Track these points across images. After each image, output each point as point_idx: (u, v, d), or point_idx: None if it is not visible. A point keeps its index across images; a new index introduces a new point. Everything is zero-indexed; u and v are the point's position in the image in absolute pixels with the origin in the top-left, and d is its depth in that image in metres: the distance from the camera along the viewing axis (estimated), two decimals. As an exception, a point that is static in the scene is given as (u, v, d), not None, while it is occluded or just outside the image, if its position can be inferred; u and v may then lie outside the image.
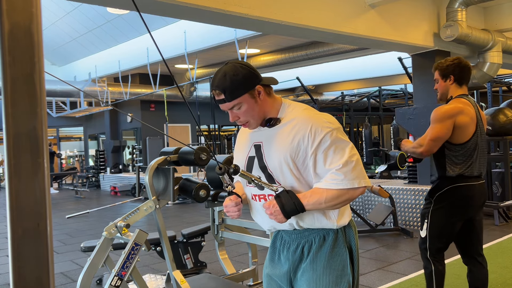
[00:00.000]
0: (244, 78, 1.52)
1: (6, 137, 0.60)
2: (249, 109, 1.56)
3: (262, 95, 1.58)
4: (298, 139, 1.53)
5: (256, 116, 1.59)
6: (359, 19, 5.09)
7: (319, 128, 1.51)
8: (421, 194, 6.06)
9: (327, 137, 1.50)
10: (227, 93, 1.52)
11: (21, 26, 0.60)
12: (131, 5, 4.13)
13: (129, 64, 11.01)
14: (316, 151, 1.51)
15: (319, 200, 1.51)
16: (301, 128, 1.54)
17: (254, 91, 1.55)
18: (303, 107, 1.63)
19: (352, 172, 1.50)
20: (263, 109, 1.59)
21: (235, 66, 1.53)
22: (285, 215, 1.52)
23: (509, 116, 7.13)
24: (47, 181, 0.62)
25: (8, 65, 0.60)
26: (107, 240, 2.69)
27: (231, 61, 1.57)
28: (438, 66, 2.72)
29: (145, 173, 2.81)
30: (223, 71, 1.53)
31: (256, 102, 1.56)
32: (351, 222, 1.69)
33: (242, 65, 1.54)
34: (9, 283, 0.96)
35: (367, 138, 13.44)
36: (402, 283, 3.90)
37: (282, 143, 1.56)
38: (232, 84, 1.51)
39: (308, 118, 1.55)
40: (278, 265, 1.72)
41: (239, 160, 1.74)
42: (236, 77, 1.51)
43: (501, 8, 6.77)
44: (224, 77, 1.51)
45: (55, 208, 9.99)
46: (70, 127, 18.42)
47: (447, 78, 2.68)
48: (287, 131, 1.56)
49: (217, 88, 1.53)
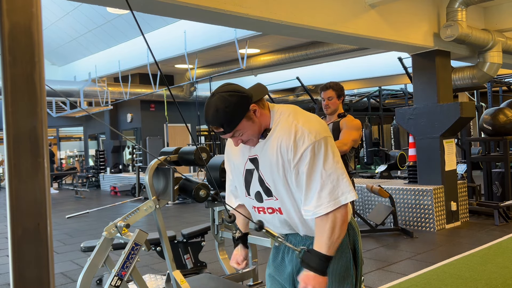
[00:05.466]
0: (236, 106, 1.49)
1: (6, 137, 0.60)
2: (249, 130, 1.55)
3: (258, 112, 1.56)
4: (282, 151, 1.52)
5: (257, 133, 1.58)
6: (359, 19, 5.09)
7: (301, 140, 1.49)
8: (421, 194, 6.07)
9: (308, 151, 1.48)
10: (224, 126, 1.51)
11: (21, 26, 0.60)
12: (131, 5, 4.12)
13: (129, 64, 11.01)
14: (297, 165, 1.50)
15: (326, 237, 1.49)
16: (285, 140, 1.52)
17: (250, 112, 1.53)
18: (288, 112, 1.59)
19: (335, 190, 1.48)
20: (261, 124, 1.58)
21: (223, 98, 1.49)
22: (321, 274, 1.49)
23: (509, 116, 7.13)
24: (47, 181, 0.62)
25: (8, 65, 0.60)
26: (107, 240, 2.68)
27: (217, 91, 1.53)
28: (334, 86, 3.30)
29: (145, 173, 2.81)
30: (214, 107, 1.49)
31: (253, 122, 1.55)
32: (354, 224, 1.69)
33: (230, 92, 1.50)
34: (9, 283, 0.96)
35: (367, 138, 13.44)
36: (402, 283, 3.90)
37: (271, 156, 1.55)
38: (226, 116, 1.49)
39: (291, 128, 1.52)
40: (281, 266, 1.72)
41: (235, 172, 1.73)
42: (228, 109, 1.48)
43: (501, 8, 6.77)
44: (216, 112, 1.49)
45: (55, 208, 9.99)
46: (70, 127, 18.41)
47: (340, 98, 3.33)
48: (275, 142, 1.55)
49: (213, 124, 1.52)
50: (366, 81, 14.00)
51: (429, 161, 6.25)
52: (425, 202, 6.02)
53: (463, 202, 6.48)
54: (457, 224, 6.29)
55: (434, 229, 5.96)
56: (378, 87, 14.27)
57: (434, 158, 6.19)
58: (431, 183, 6.18)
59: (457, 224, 6.29)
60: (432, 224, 5.98)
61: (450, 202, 6.19)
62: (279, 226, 1.66)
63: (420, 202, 6.08)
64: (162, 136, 13.46)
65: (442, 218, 6.08)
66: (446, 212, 6.12)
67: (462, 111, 5.87)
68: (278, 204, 1.60)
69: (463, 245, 5.15)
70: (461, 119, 5.90)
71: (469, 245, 5.10)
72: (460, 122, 6.02)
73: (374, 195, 6.53)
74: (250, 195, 1.67)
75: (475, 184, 7.27)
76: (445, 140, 6.19)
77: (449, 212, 6.18)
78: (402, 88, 15.17)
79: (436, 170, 6.18)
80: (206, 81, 11.41)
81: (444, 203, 6.10)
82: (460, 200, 6.43)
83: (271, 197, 1.61)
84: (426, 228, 6.03)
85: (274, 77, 12.90)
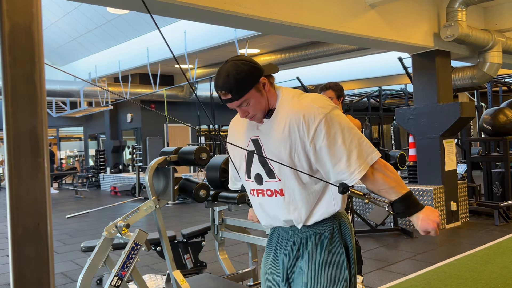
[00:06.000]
0: (247, 74, 1.51)
1: (6, 137, 0.60)
2: (256, 102, 1.55)
3: (267, 87, 1.57)
4: (293, 131, 1.52)
5: (264, 108, 1.58)
6: (359, 19, 5.09)
7: (311, 116, 1.50)
8: (421, 194, 6.07)
9: (322, 125, 1.49)
10: (233, 92, 1.51)
11: (21, 26, 0.60)
12: (131, 5, 4.13)
13: (129, 64, 11.01)
14: (314, 141, 1.50)
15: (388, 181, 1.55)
16: (294, 119, 1.52)
17: (259, 84, 1.55)
18: (291, 93, 1.61)
19: (361, 155, 1.51)
20: (269, 100, 1.59)
21: (236, 64, 1.51)
22: (422, 208, 1.57)
23: (509, 116, 7.13)
24: (47, 181, 0.62)
25: (8, 65, 0.60)
26: (107, 240, 2.68)
27: (231, 59, 1.56)
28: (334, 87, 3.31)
29: (145, 173, 2.81)
30: (225, 71, 1.51)
31: (262, 95, 1.56)
32: (346, 220, 1.68)
33: (243, 61, 1.53)
34: (9, 283, 0.96)
35: (367, 138, 13.42)
36: (402, 283, 3.90)
37: (277, 135, 1.55)
38: (237, 82, 1.50)
39: (299, 107, 1.53)
40: (275, 263, 1.71)
41: (237, 155, 1.72)
42: (239, 75, 1.50)
43: (501, 8, 6.77)
44: (227, 77, 1.50)
45: (55, 208, 9.99)
46: (70, 127, 18.42)
47: (340, 98, 3.36)
48: (282, 122, 1.55)
49: (223, 89, 1.52)
50: (366, 81, 14.00)
51: (429, 161, 6.25)
52: (425, 202, 6.02)
53: (463, 202, 6.48)
54: (457, 224, 6.29)
55: (434, 229, 5.95)
56: (378, 87, 14.25)
57: (434, 158, 6.19)
58: (431, 183, 6.18)
59: (457, 224, 6.29)
60: (432, 224, 5.97)
61: (450, 202, 6.19)
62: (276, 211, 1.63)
63: (420, 202, 6.07)
64: (162, 136, 13.46)
65: (442, 218, 6.08)
66: (446, 212, 6.12)
67: (462, 111, 5.87)
68: (280, 186, 1.59)
69: (463, 245, 5.15)
70: (461, 119, 5.90)
71: (469, 245, 5.10)
72: (460, 122, 6.02)
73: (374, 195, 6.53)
74: (250, 178, 1.66)
75: (475, 184, 7.27)
76: (445, 140, 6.19)
77: (449, 212, 6.18)
78: (402, 88, 15.16)
79: (436, 170, 6.18)
80: (206, 81, 11.41)
81: (444, 203, 6.10)
82: (460, 200, 6.43)
83: (273, 179, 1.60)
84: (426, 228, 6.02)
85: (274, 77, 12.89)
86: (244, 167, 1.69)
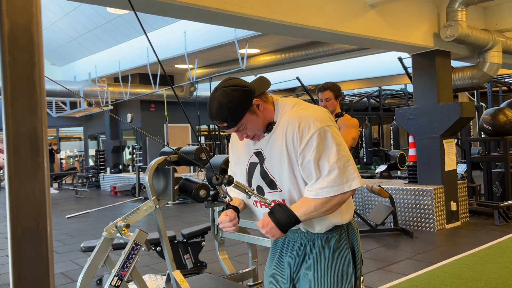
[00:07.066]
0: (239, 100, 1.50)
1: (6, 137, 0.60)
2: (253, 124, 1.56)
3: (261, 106, 1.56)
4: (289, 140, 1.53)
5: (261, 127, 1.59)
6: (359, 19, 5.09)
7: (306, 127, 1.50)
8: (421, 194, 6.07)
9: (314, 138, 1.48)
10: (228, 120, 1.52)
11: (21, 26, 0.60)
12: (132, 5, 4.12)
13: (129, 64, 11.01)
14: (303, 152, 1.50)
15: (309, 209, 1.51)
16: (290, 128, 1.53)
17: (253, 106, 1.54)
18: (292, 103, 1.61)
19: (341, 177, 1.48)
20: (265, 117, 1.59)
21: (226, 92, 1.50)
22: (281, 230, 1.52)
23: (509, 116, 7.13)
24: (47, 181, 0.62)
25: (8, 65, 0.60)
26: (107, 240, 2.68)
27: (220, 86, 1.54)
28: (332, 87, 3.33)
29: (145, 173, 2.81)
30: (217, 102, 1.50)
31: (258, 116, 1.56)
32: (353, 224, 1.69)
33: (232, 87, 1.51)
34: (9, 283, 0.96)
35: (367, 138, 13.44)
36: (402, 283, 3.90)
37: (277, 147, 1.56)
38: (230, 111, 1.50)
39: (296, 117, 1.53)
40: (280, 265, 1.71)
41: (239, 166, 1.73)
42: (231, 103, 1.49)
43: (501, 8, 6.77)
44: (220, 107, 1.50)
45: (55, 208, 9.99)
46: (70, 127, 18.41)
47: (338, 98, 3.37)
48: (281, 133, 1.56)
49: (217, 119, 1.53)
50: (366, 81, 14.00)
51: (429, 161, 6.25)
52: (425, 202, 6.02)
53: (463, 202, 6.48)
54: (457, 224, 6.29)
55: (434, 229, 5.96)
56: (378, 87, 14.26)
57: (434, 158, 6.19)
58: (431, 183, 6.18)
59: (457, 224, 6.29)
60: (432, 224, 5.98)
61: (450, 202, 6.19)
62: None
63: (420, 202, 6.08)
64: (162, 136, 13.45)
65: (442, 218, 6.08)
66: (446, 212, 6.12)
67: (462, 111, 5.87)
68: (282, 196, 1.60)
69: (463, 245, 5.15)
70: (461, 119, 5.90)
71: (469, 245, 5.10)
72: (460, 122, 6.02)
73: (374, 195, 6.53)
74: None
75: (475, 184, 7.27)
76: (445, 140, 6.19)
77: (449, 212, 6.17)
78: (402, 88, 15.17)
79: (436, 170, 6.18)
80: (206, 81, 11.41)
81: (444, 203, 6.10)
82: (460, 200, 6.43)
83: (274, 190, 1.60)
84: (426, 228, 6.03)
85: (274, 77, 12.89)
86: (245, 178, 1.69)
